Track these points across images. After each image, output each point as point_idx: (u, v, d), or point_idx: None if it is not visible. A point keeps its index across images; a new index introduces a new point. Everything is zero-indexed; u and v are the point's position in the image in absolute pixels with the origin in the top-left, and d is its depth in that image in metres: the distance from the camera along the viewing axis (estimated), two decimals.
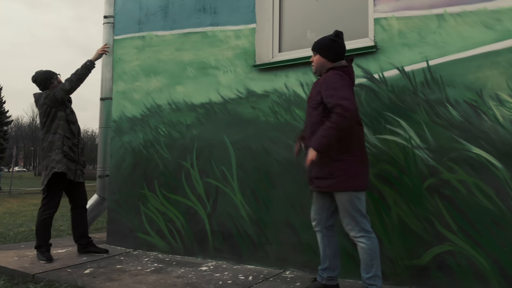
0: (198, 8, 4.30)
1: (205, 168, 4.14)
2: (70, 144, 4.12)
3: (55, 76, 4.25)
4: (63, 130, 4.10)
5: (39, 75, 4.23)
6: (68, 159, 4.07)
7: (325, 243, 2.85)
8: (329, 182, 2.70)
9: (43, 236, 4.16)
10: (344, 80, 2.70)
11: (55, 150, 4.05)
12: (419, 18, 3.14)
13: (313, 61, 2.93)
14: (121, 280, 3.41)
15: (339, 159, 2.67)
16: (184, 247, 4.20)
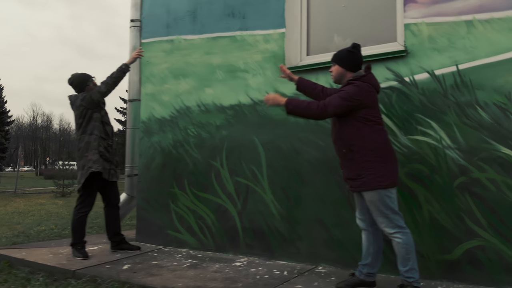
0: (227, 13, 4.45)
1: (235, 168, 4.28)
2: (105, 145, 4.26)
3: (90, 78, 4.39)
4: (98, 131, 4.24)
5: (75, 77, 4.37)
6: (104, 159, 4.22)
7: (370, 241, 3.00)
8: (359, 183, 2.86)
9: (79, 233, 4.30)
10: (362, 92, 2.85)
11: (92, 151, 4.20)
12: (449, 24, 3.29)
13: (333, 71, 3.11)
14: (161, 275, 3.57)
15: (365, 160, 2.83)
16: (215, 244, 4.35)
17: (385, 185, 2.78)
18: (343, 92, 2.84)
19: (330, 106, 2.81)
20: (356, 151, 2.83)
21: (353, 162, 2.86)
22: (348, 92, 2.82)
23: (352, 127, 2.84)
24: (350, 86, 2.86)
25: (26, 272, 4.04)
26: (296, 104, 2.92)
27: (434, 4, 3.35)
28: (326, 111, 2.83)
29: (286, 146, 3.98)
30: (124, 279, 3.44)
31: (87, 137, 4.25)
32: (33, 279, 3.87)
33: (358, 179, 2.85)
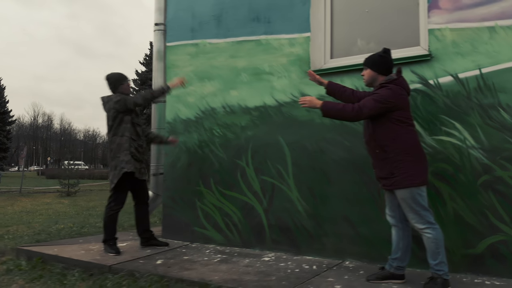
0: (252, 17, 4.61)
1: (261, 167, 4.45)
2: (136, 145, 4.42)
3: (126, 79, 4.55)
4: (129, 132, 4.40)
5: (112, 75, 4.53)
6: (135, 159, 4.38)
7: (399, 236, 3.16)
8: (391, 181, 3.03)
9: (111, 230, 4.47)
10: (395, 95, 3.01)
11: (124, 152, 4.35)
12: (472, 29, 3.45)
13: (364, 75, 3.27)
14: (195, 269, 3.73)
15: (397, 159, 2.99)
16: (241, 240, 4.51)
17: (416, 183, 2.94)
18: (377, 95, 3.00)
19: (365, 108, 2.97)
20: (389, 151, 2.99)
21: (386, 161, 3.02)
22: (382, 95, 2.98)
23: (386, 128, 3.00)
24: (383, 89, 3.02)
25: (61, 268, 4.20)
26: (332, 106, 3.09)
27: (457, 10, 3.51)
28: (361, 113, 2.99)
29: (312, 146, 4.15)
30: (162, 273, 3.60)
31: (119, 138, 4.40)
32: (68, 274, 4.03)
33: (390, 178, 3.01)
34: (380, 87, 3.09)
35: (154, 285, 3.49)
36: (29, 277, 4.06)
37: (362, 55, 4.05)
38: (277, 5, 4.45)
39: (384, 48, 3.22)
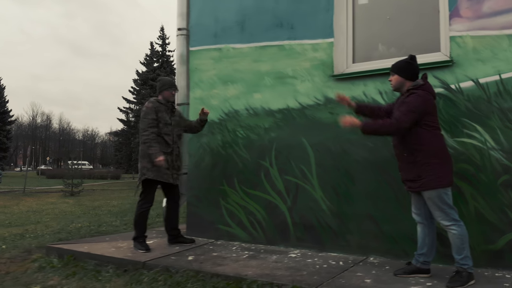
0: (275, 23, 4.79)
1: (284, 167, 4.63)
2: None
3: (172, 87, 4.77)
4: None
5: (162, 79, 4.85)
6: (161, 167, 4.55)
7: (425, 233, 3.35)
8: (419, 183, 3.22)
9: (141, 227, 4.64)
10: (424, 101, 3.20)
11: (145, 159, 4.56)
12: (492, 37, 3.64)
13: (392, 80, 3.45)
14: (227, 264, 3.91)
15: (425, 162, 3.18)
16: (266, 237, 4.69)
17: (443, 185, 3.13)
18: (408, 105, 3.16)
19: (403, 122, 3.13)
20: (417, 155, 3.18)
21: (414, 164, 3.20)
22: (413, 103, 3.15)
23: (415, 133, 3.18)
24: (412, 97, 3.19)
25: (93, 265, 4.37)
26: (371, 124, 3.25)
27: (478, 19, 3.70)
28: (401, 126, 3.15)
29: (335, 147, 4.33)
30: (197, 268, 3.78)
31: (142, 145, 4.62)
32: (102, 270, 4.20)
33: (417, 180, 3.20)
34: (408, 93, 3.26)
35: (190, 280, 3.67)
36: (63, 274, 4.23)
37: (383, 60, 4.25)
38: (300, 12, 4.62)
39: (411, 55, 3.41)
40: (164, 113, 4.66)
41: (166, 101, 4.74)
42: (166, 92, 4.73)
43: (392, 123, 3.18)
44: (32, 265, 4.65)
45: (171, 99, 4.79)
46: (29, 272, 4.42)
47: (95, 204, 20.42)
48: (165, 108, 4.70)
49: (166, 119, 4.67)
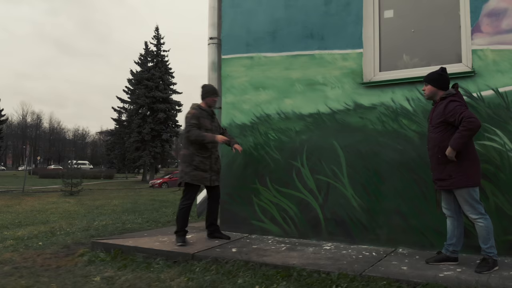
0: (306, 34, 5.19)
1: (316, 167, 5.04)
2: (200, 158, 4.92)
3: (215, 94, 5.12)
4: (193, 147, 4.92)
5: (206, 86, 5.21)
6: (201, 170, 4.91)
7: (454, 226, 3.78)
8: (449, 182, 3.64)
9: (182, 222, 5.00)
10: (461, 103, 3.64)
11: (185, 163, 4.94)
12: (510, 51, 4.09)
13: (425, 90, 3.88)
14: (270, 255, 4.30)
15: (456, 163, 3.61)
16: (298, 232, 5.10)
17: (471, 184, 3.57)
18: (455, 109, 3.56)
19: (468, 118, 3.47)
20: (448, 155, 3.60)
21: (446, 165, 3.63)
22: (459, 108, 3.55)
23: (450, 137, 3.60)
24: (454, 103, 3.60)
25: (142, 258, 4.72)
26: (456, 141, 3.54)
27: (498, 34, 4.14)
28: (473, 122, 3.46)
29: (365, 149, 4.75)
30: (245, 259, 4.17)
31: (183, 150, 5.02)
32: (153, 262, 4.55)
33: (448, 180, 3.63)
34: (446, 100, 3.67)
35: (241, 268, 4.05)
36: (115, 266, 4.57)
37: (408, 69, 4.70)
38: (330, 24, 5.03)
39: (442, 67, 3.84)
40: (205, 119, 5.02)
41: (208, 107, 5.10)
42: (209, 98, 5.09)
43: (465, 127, 3.47)
44: (81, 259, 4.98)
45: (213, 105, 5.15)
46: (80, 265, 4.75)
47: (96, 203, 20.66)
48: (206, 114, 5.06)
49: (207, 125, 5.02)
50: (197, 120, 4.96)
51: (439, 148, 3.68)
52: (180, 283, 3.87)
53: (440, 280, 3.35)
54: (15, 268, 4.76)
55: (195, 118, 4.95)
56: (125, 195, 26.24)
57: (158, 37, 47.79)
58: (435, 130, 3.72)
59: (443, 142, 3.65)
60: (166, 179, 36.96)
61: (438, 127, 3.70)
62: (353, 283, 3.45)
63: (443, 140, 3.66)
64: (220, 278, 3.90)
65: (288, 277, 3.75)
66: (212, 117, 5.15)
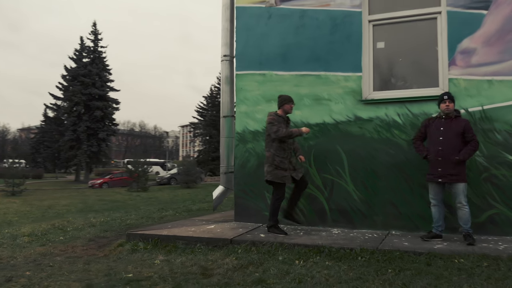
0: (313, 58, 6.30)
1: (322, 167, 6.16)
2: (280, 159, 5.65)
3: (290, 103, 5.78)
4: (274, 149, 5.65)
5: (282, 96, 5.83)
6: (281, 169, 5.63)
7: (440, 212, 5.06)
8: (458, 177, 4.94)
9: (276, 216, 5.72)
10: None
11: (267, 164, 5.68)
12: (477, 81, 5.46)
13: (450, 106, 5.06)
14: (295, 238, 5.34)
15: (463, 164, 4.93)
16: (307, 220, 6.19)
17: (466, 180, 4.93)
18: (470, 126, 5.00)
19: (477, 141, 5.00)
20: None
21: (458, 164, 4.91)
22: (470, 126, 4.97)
23: (463, 143, 4.90)
24: (469, 124, 5.00)
25: (183, 244, 5.54)
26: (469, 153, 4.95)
27: (468, 67, 5.50)
28: (478, 144, 5.01)
29: (364, 153, 5.94)
30: (280, 241, 5.18)
31: (267, 152, 5.73)
32: (195, 248, 5.38)
33: (457, 175, 4.92)
34: (463, 120, 5.05)
35: (278, 248, 5.04)
36: (162, 252, 5.32)
37: (396, 91, 5.95)
38: (335, 51, 6.18)
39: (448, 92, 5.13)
40: (282, 125, 5.65)
41: (284, 114, 5.79)
42: (287, 105, 5.74)
43: (475, 146, 4.97)
44: (123, 249, 5.66)
45: (290, 112, 5.80)
46: (126, 253, 5.45)
47: (45, 203, 20.52)
48: (282, 120, 5.70)
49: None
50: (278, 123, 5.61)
51: (456, 151, 4.93)
52: (230, 261, 4.75)
53: (437, 251, 4.59)
54: (69, 258, 5.38)
55: (276, 121, 5.65)
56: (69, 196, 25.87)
57: (95, 32, 46.68)
58: (456, 138, 4.97)
59: (459, 148, 4.93)
60: (107, 179, 36.49)
61: (458, 137, 4.98)
62: (374, 255, 4.59)
63: (460, 147, 4.95)
64: (263, 257, 4.86)
65: (320, 253, 4.81)
66: (287, 122, 5.79)
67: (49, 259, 5.32)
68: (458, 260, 4.27)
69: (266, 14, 6.61)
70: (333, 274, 4.12)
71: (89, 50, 46.48)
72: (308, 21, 6.35)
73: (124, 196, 24.33)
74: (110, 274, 4.35)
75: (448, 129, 5.04)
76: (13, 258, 5.51)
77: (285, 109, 5.78)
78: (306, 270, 4.28)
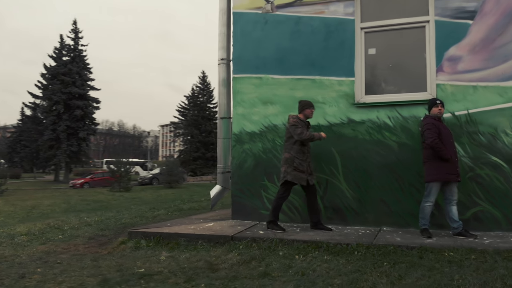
0: (308, 63, 6.59)
1: (316, 167, 6.45)
2: (299, 161, 5.89)
3: (311, 107, 6.01)
4: (294, 151, 5.89)
5: (303, 100, 6.10)
6: (299, 171, 5.88)
7: (432, 209, 5.41)
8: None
9: (276, 214, 5.94)
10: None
11: (286, 165, 5.90)
12: (463, 86, 5.83)
13: (442, 110, 5.48)
14: (294, 235, 5.62)
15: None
16: (302, 218, 6.48)
17: None
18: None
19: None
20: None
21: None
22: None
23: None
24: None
25: (185, 241, 5.76)
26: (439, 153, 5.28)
27: (455, 74, 5.87)
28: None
29: (356, 154, 6.26)
30: (280, 237, 5.44)
31: (285, 154, 5.96)
32: (197, 244, 5.59)
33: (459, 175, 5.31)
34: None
35: (278, 244, 5.28)
36: (165, 249, 5.51)
37: (386, 95, 6.28)
38: (329, 57, 6.48)
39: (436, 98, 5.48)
40: (304, 128, 5.89)
41: (305, 118, 6.04)
42: (308, 110, 5.99)
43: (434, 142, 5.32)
44: (126, 246, 5.84)
45: (310, 117, 6.05)
46: (129, 250, 5.63)
47: (27, 203, 20.39)
48: (303, 124, 5.94)
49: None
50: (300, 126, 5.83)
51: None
52: (233, 257, 4.99)
53: (428, 245, 4.93)
54: (74, 255, 5.53)
55: (299, 124, 5.87)
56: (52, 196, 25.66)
57: (76, 30, 46.21)
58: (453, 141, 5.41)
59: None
60: (88, 179, 36.26)
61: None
62: (369, 249, 4.90)
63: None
64: (264, 252, 5.11)
65: (318, 248, 5.09)
66: (307, 126, 6.04)
67: (54, 257, 5.46)
68: (448, 254, 4.61)
69: (262, 20, 6.87)
70: (332, 267, 4.40)
71: (69, 49, 46.01)
72: (303, 27, 6.64)
73: (107, 196, 24.23)
74: (122, 270, 4.55)
75: (449, 133, 5.42)
76: (17, 256, 5.61)
77: (306, 113, 6.02)
78: (306, 264, 4.55)
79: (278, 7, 6.80)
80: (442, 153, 5.28)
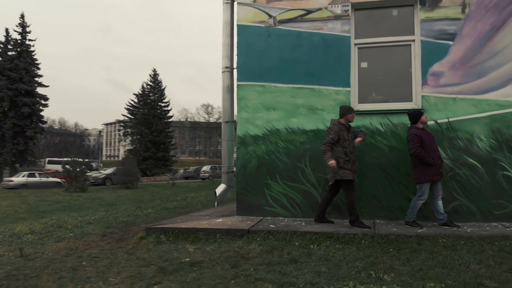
0: (308, 73, 7.32)
1: (316, 167, 7.19)
2: (344, 161, 6.38)
3: (353, 112, 6.58)
4: (337, 153, 6.42)
5: (344, 106, 6.62)
6: (345, 168, 6.36)
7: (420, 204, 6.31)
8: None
9: (356, 211, 6.41)
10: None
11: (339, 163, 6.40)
12: (444, 98, 6.79)
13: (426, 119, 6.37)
14: (302, 228, 6.32)
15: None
16: (303, 213, 7.19)
17: None
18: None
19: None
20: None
21: None
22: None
23: None
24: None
25: (204, 235, 6.28)
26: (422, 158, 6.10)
27: (437, 87, 6.82)
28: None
29: None
30: (293, 229, 6.12)
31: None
32: (216, 238, 6.13)
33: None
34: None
35: (293, 236, 5.96)
36: (187, 242, 6.01)
37: (377, 104, 7.14)
38: (327, 68, 7.25)
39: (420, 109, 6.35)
40: (344, 132, 6.39)
41: (347, 122, 6.53)
42: (350, 115, 6.51)
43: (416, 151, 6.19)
44: (147, 241, 6.24)
45: (352, 121, 6.54)
46: (151, 245, 6.03)
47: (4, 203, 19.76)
48: (344, 128, 6.43)
49: (345, 136, 6.37)
50: (337, 134, 6.33)
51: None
52: (255, 247, 5.59)
53: (423, 234, 5.79)
54: (102, 250, 5.89)
55: (335, 133, 6.35)
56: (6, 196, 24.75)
57: (23, 24, 44.52)
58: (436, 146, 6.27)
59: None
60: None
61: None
62: (374, 238, 5.70)
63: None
64: (281, 243, 5.76)
65: (329, 238, 5.82)
66: (348, 129, 6.49)
67: (83, 252, 5.76)
68: (441, 240, 5.49)
69: (265, 32, 7.52)
70: (347, 254, 5.12)
71: (16, 43, 44.24)
72: (303, 41, 7.37)
73: (64, 196, 23.72)
74: (168, 260, 5.04)
75: (433, 139, 6.31)
76: (43, 253, 5.81)
77: (348, 118, 6.55)
78: (323, 252, 5.24)
79: (280, 22, 7.49)
80: (425, 159, 6.14)
